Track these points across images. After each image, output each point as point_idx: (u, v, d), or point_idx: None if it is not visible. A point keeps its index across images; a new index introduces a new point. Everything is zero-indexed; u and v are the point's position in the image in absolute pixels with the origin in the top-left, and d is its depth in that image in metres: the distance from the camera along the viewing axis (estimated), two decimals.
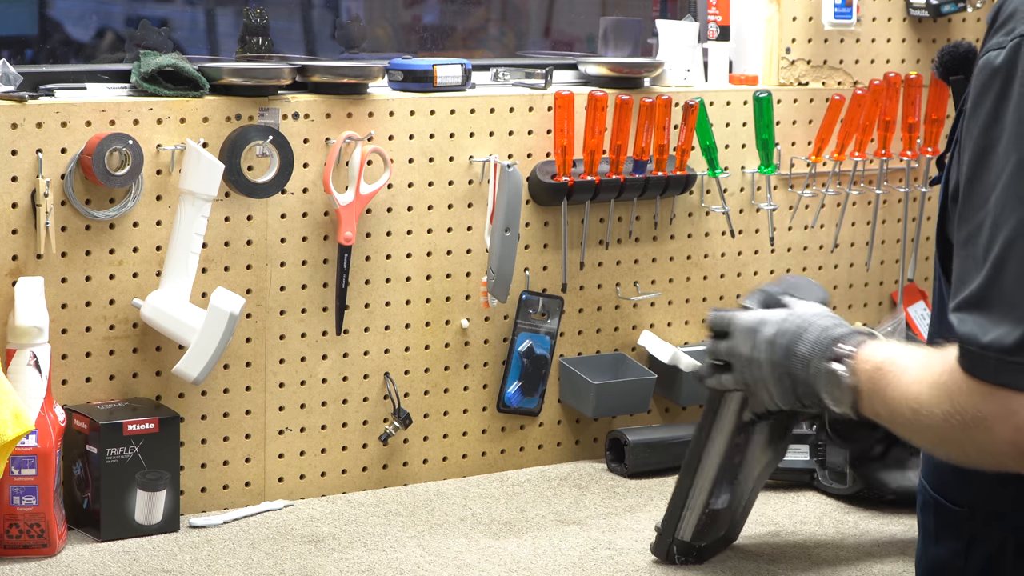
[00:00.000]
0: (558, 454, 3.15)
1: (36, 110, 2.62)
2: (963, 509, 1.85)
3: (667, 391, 3.19)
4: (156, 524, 2.66)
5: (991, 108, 1.65)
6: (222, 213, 2.78)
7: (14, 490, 2.54)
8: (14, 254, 2.62)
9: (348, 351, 2.92)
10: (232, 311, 2.67)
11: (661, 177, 3.13)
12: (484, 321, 3.05)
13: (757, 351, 1.97)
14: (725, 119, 3.26)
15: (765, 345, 1.97)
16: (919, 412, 1.71)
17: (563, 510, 2.86)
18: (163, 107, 2.72)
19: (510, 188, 2.96)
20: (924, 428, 1.71)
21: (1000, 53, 1.65)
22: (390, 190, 2.92)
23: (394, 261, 2.95)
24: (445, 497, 2.92)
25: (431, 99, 2.96)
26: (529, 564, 2.57)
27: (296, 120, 2.83)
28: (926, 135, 3.37)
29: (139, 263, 2.73)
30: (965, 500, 1.84)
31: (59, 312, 2.66)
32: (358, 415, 2.94)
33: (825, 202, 3.36)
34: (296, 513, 2.81)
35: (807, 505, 2.88)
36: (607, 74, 3.17)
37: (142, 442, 2.64)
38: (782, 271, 3.36)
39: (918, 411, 1.71)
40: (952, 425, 1.67)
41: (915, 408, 1.71)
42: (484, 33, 4.05)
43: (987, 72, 1.66)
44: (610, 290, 3.18)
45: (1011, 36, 1.65)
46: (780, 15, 3.34)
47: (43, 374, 2.56)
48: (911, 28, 3.48)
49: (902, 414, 1.74)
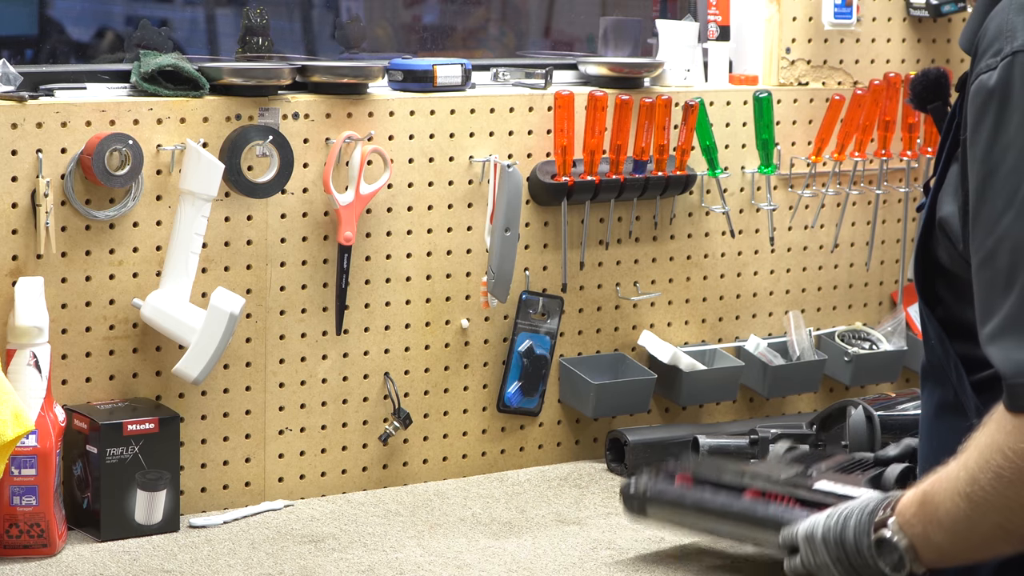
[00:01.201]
0: (558, 454, 3.15)
1: (36, 110, 2.62)
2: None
3: (667, 391, 3.19)
4: (156, 524, 2.66)
5: (990, 132, 1.63)
6: (222, 213, 2.78)
7: (14, 490, 2.54)
8: (14, 254, 2.62)
9: (348, 351, 2.92)
10: (232, 311, 2.67)
11: (661, 177, 3.13)
12: (484, 321, 3.05)
13: (819, 555, 1.95)
14: (725, 119, 3.26)
15: (822, 546, 1.95)
16: (975, 494, 1.62)
17: (563, 510, 2.86)
18: (163, 107, 2.72)
19: (510, 188, 2.96)
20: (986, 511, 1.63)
21: (992, 75, 1.64)
22: (390, 190, 2.92)
23: (394, 261, 2.95)
24: (445, 497, 2.92)
25: (431, 99, 2.96)
26: (529, 564, 2.57)
27: (296, 120, 2.83)
28: (926, 135, 3.37)
29: (139, 263, 2.73)
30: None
31: (59, 312, 2.66)
32: (358, 415, 2.94)
33: (825, 202, 3.36)
34: (296, 513, 2.81)
35: None
36: (607, 74, 3.17)
37: (142, 442, 2.64)
38: (782, 271, 3.36)
39: (974, 493, 1.63)
40: (1007, 480, 1.60)
41: (970, 492, 1.63)
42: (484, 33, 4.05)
43: (982, 96, 1.65)
44: (610, 290, 3.18)
45: (1000, 56, 1.64)
46: (780, 15, 3.34)
47: (43, 374, 2.56)
48: (911, 28, 3.48)
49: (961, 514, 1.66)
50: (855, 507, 1.90)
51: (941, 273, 1.80)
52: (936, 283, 1.80)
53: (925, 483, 1.73)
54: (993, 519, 1.64)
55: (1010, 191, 1.61)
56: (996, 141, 1.62)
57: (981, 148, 1.64)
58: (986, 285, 1.63)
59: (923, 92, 2.11)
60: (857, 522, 1.87)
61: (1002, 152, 1.62)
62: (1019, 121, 1.61)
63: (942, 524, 1.70)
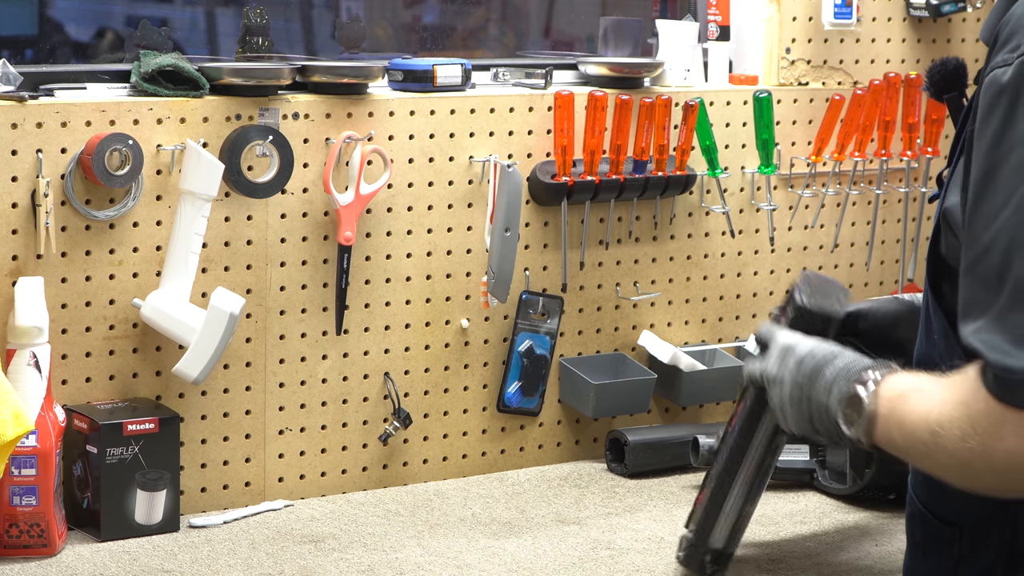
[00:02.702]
0: (558, 454, 3.15)
1: (36, 110, 2.62)
2: (952, 528, 1.83)
3: (667, 391, 3.19)
4: (156, 524, 2.66)
5: (998, 127, 1.63)
6: (222, 213, 2.78)
7: (14, 490, 2.54)
8: (14, 254, 2.62)
9: (348, 351, 2.92)
10: (232, 311, 2.67)
11: (661, 177, 3.13)
12: (484, 321, 3.05)
13: (783, 369, 1.95)
14: (725, 119, 3.26)
15: (793, 365, 1.94)
16: (939, 435, 1.66)
17: (563, 510, 2.86)
18: (163, 107, 2.72)
19: (510, 188, 2.96)
20: (942, 453, 1.67)
21: (1007, 71, 1.64)
22: (390, 190, 2.92)
23: (394, 261, 2.95)
24: (445, 497, 2.92)
25: (431, 99, 2.96)
26: (529, 564, 2.57)
27: (296, 120, 2.83)
28: (926, 135, 3.37)
29: (139, 263, 2.73)
30: (955, 519, 1.83)
31: (59, 312, 2.66)
32: (358, 415, 2.94)
33: (825, 202, 3.36)
34: (296, 513, 2.81)
35: (807, 505, 2.88)
36: (607, 74, 3.17)
37: (142, 442, 2.64)
38: (782, 271, 3.36)
39: (938, 434, 1.67)
40: (971, 449, 1.63)
41: (935, 431, 1.67)
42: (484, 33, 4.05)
43: (994, 90, 1.64)
44: (610, 290, 3.18)
45: (1017, 53, 1.64)
46: (780, 15, 3.34)
47: (43, 374, 2.56)
48: (911, 28, 3.48)
49: (920, 440, 1.70)
50: (849, 354, 1.92)
51: (943, 266, 1.81)
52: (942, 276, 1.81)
53: (914, 380, 1.77)
54: (944, 461, 1.70)
55: (1010, 189, 1.61)
56: (1003, 138, 1.63)
57: (987, 142, 1.65)
58: (978, 279, 1.64)
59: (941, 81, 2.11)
60: (846, 364, 1.88)
61: (1007, 149, 1.62)
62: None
63: (903, 430, 1.76)
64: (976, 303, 1.63)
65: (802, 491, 2.94)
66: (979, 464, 1.64)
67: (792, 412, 1.93)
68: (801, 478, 2.94)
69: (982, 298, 1.62)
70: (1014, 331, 1.59)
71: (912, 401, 1.73)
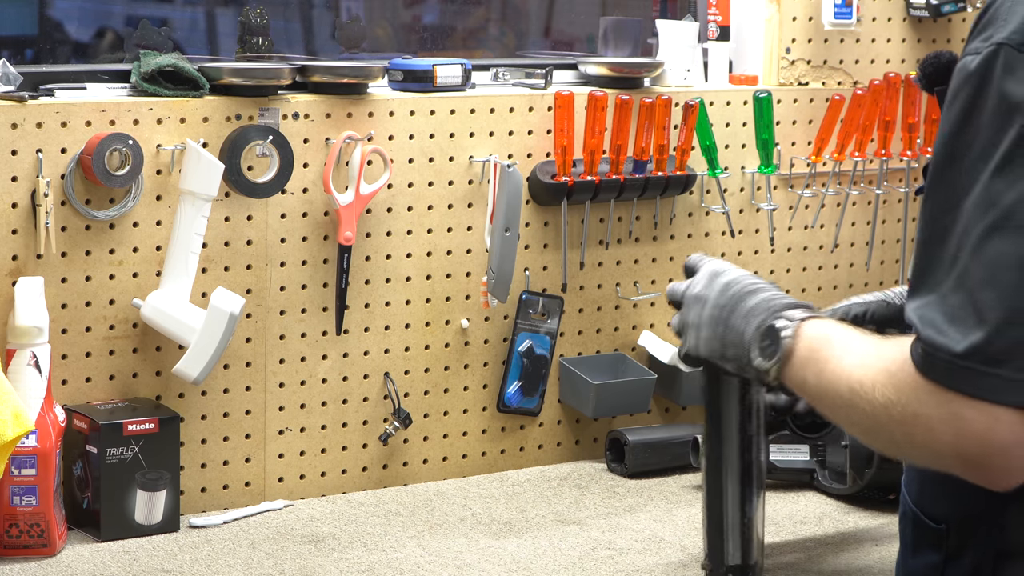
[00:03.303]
0: (558, 454, 3.15)
1: (36, 110, 2.62)
2: (940, 526, 1.84)
3: (667, 391, 3.19)
4: (156, 524, 2.66)
5: (960, 113, 1.65)
6: (222, 213, 2.78)
7: (14, 490, 2.54)
8: (14, 254, 2.62)
9: (348, 351, 2.92)
10: (232, 311, 2.67)
11: (661, 177, 3.13)
12: (484, 321, 3.05)
13: (708, 290, 1.97)
14: (725, 119, 3.26)
15: (719, 287, 1.96)
16: (857, 394, 1.70)
17: (563, 510, 2.86)
18: (163, 107, 2.72)
19: (510, 188, 2.96)
20: (857, 411, 1.71)
21: (975, 59, 1.65)
22: (390, 190, 2.92)
23: (394, 261, 2.95)
24: (445, 497, 2.92)
25: (431, 99, 2.96)
26: (529, 564, 2.57)
27: (296, 120, 2.83)
28: (926, 135, 3.37)
29: (139, 263, 2.73)
30: (943, 517, 1.84)
31: (59, 312, 2.66)
32: (358, 415, 2.94)
33: (825, 202, 3.36)
34: (296, 513, 2.81)
35: (807, 505, 2.88)
36: (607, 74, 3.17)
37: (142, 442, 2.64)
38: (782, 271, 3.36)
39: (857, 392, 1.70)
40: (891, 415, 1.67)
41: (855, 389, 1.71)
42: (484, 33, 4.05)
43: (961, 76, 1.66)
44: (610, 290, 3.18)
45: (988, 43, 1.65)
46: (780, 15, 3.34)
47: (43, 374, 2.56)
48: (911, 28, 3.48)
49: (837, 391, 1.74)
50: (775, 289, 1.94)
51: None
52: None
53: (838, 329, 1.80)
54: (857, 418, 1.72)
55: (971, 178, 1.63)
56: (966, 126, 1.65)
57: (949, 128, 1.67)
58: (930, 259, 1.67)
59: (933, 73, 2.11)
60: (770, 296, 1.90)
61: (971, 137, 1.64)
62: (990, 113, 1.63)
63: (820, 377, 1.77)
64: (925, 282, 1.66)
65: (802, 491, 2.94)
66: (894, 428, 1.67)
67: (706, 332, 1.95)
68: (801, 478, 2.94)
69: (931, 278, 1.66)
70: (951, 312, 1.62)
71: (836, 350, 1.76)
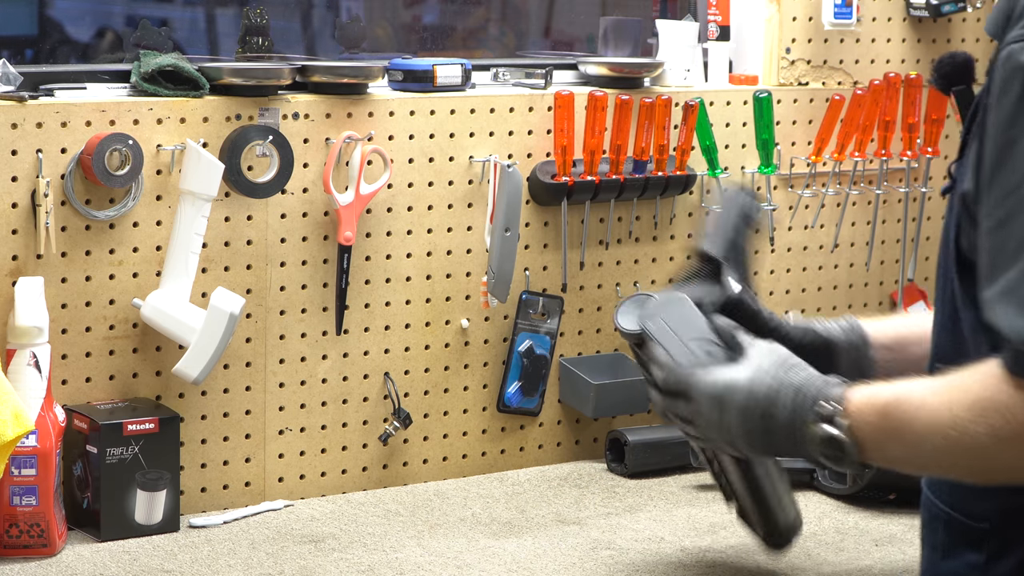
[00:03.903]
0: (558, 454, 3.15)
1: (36, 110, 2.62)
2: (982, 525, 1.82)
3: None
4: (156, 524, 2.66)
5: (1016, 100, 1.64)
6: (222, 213, 2.78)
7: (14, 490, 2.54)
8: (14, 254, 2.62)
9: (348, 351, 2.92)
10: (232, 311, 2.67)
11: (661, 177, 3.13)
12: (484, 321, 3.05)
13: (728, 417, 1.90)
14: (725, 119, 3.26)
15: (737, 414, 1.89)
16: (956, 437, 1.65)
17: (563, 510, 2.86)
18: (163, 107, 2.72)
19: (510, 188, 2.96)
20: (962, 454, 1.66)
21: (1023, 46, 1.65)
22: (390, 190, 2.92)
23: (394, 261, 2.95)
24: (445, 497, 2.92)
25: (431, 99, 2.96)
26: (529, 564, 2.57)
27: (296, 120, 2.83)
28: (926, 135, 3.37)
29: (139, 263, 2.73)
30: (985, 515, 1.82)
31: (59, 312, 2.66)
32: (358, 415, 2.94)
33: (825, 202, 3.36)
34: (296, 513, 2.81)
35: (807, 505, 2.88)
36: (607, 74, 3.17)
37: (142, 442, 2.64)
38: (782, 271, 3.36)
39: (954, 436, 1.65)
40: (1000, 440, 1.63)
41: (950, 435, 1.66)
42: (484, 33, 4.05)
43: (1010, 66, 1.65)
44: (610, 290, 3.18)
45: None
46: (780, 15, 3.34)
47: (43, 374, 2.56)
48: (911, 28, 3.48)
49: (931, 446, 1.69)
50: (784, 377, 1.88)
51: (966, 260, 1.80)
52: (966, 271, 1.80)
53: (886, 394, 1.76)
54: (967, 462, 1.70)
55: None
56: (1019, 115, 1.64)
57: (1005, 116, 1.66)
58: (995, 249, 1.65)
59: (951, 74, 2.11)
60: (794, 401, 1.85)
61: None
62: None
63: (905, 443, 1.75)
64: (994, 274, 1.64)
65: (802, 491, 2.93)
66: (1007, 451, 1.64)
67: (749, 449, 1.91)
68: (801, 478, 2.94)
69: (1000, 268, 1.63)
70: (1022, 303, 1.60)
71: (905, 414, 1.72)
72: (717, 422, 1.93)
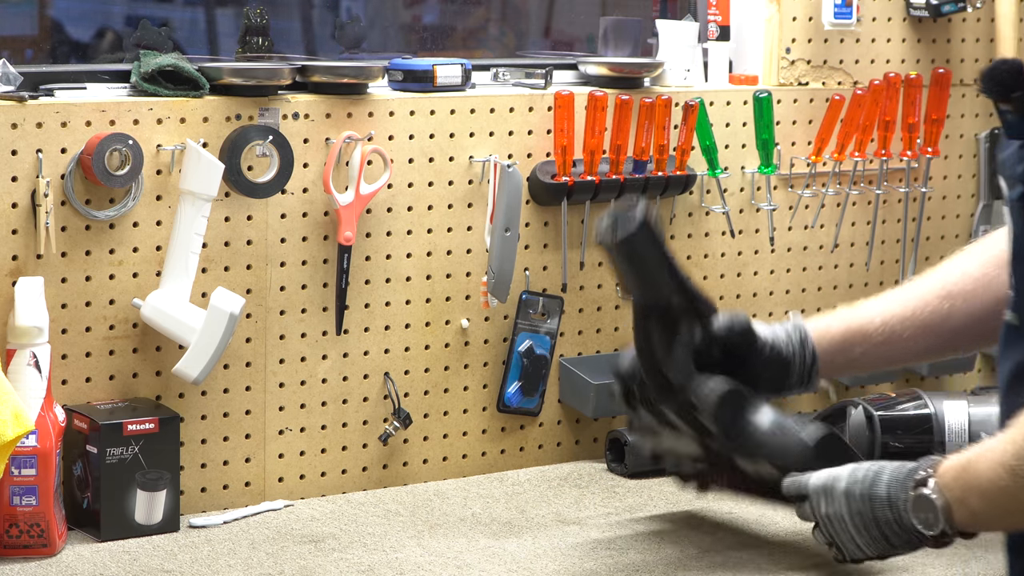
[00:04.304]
0: (558, 454, 3.15)
1: (36, 110, 2.62)
2: None
3: None
4: (156, 524, 2.66)
5: None
6: (222, 213, 2.78)
7: (14, 490, 2.54)
8: (14, 254, 2.62)
9: (348, 351, 2.92)
10: (232, 311, 2.67)
11: (661, 177, 3.13)
12: (484, 321, 3.05)
13: (835, 506, 1.98)
14: (725, 119, 3.26)
15: (842, 498, 1.97)
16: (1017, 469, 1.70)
17: (563, 510, 2.86)
18: (163, 107, 2.72)
19: (510, 188, 2.96)
20: None
21: None
22: (390, 190, 2.92)
23: (394, 261, 2.95)
24: (445, 497, 2.92)
25: (431, 99, 2.96)
26: (529, 564, 2.57)
27: (296, 120, 2.83)
28: (926, 135, 3.37)
29: (139, 263, 2.73)
30: None
31: (59, 312, 2.66)
32: (358, 415, 2.94)
33: (825, 202, 3.36)
34: (296, 513, 2.81)
35: None
36: (607, 74, 3.17)
37: (142, 442, 2.64)
38: (782, 271, 3.36)
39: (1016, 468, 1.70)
40: None
41: (1012, 465, 1.70)
42: (484, 33, 4.05)
43: None
44: (610, 290, 3.18)
45: None
46: (780, 15, 3.34)
47: (43, 374, 2.56)
48: (911, 28, 3.48)
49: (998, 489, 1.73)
50: (886, 465, 1.95)
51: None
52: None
53: (969, 452, 1.80)
54: None
55: None
56: None
57: None
58: None
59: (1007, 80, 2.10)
60: (893, 478, 1.91)
61: None
62: None
63: (982, 491, 1.78)
64: None
65: None
66: None
67: (861, 539, 1.97)
68: None
69: None
70: None
71: (979, 464, 1.77)
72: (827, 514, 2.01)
